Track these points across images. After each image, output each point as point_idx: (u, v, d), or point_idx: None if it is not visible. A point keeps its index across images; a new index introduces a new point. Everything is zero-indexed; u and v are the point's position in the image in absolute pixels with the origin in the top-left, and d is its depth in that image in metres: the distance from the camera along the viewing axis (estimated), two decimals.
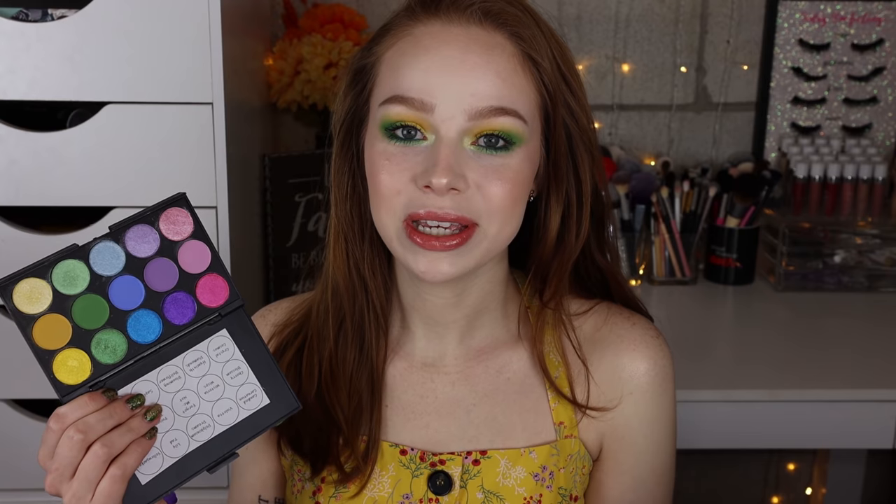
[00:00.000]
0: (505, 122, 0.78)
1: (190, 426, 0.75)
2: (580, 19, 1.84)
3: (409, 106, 0.78)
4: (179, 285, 0.76)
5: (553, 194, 0.86)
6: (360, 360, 0.89)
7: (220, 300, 0.77)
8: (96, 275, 0.75)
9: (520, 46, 0.80)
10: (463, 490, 0.87)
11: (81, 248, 0.74)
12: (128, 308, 0.75)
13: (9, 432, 1.24)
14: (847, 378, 1.40)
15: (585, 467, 0.91)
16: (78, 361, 0.74)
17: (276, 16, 1.74)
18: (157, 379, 0.75)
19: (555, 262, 0.88)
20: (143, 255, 0.76)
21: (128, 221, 0.76)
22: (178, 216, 0.77)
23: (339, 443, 0.88)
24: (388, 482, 0.88)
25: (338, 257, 0.88)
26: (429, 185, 0.77)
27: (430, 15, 0.81)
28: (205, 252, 0.77)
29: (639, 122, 1.90)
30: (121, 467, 0.71)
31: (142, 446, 0.73)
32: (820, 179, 1.79)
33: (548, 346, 0.90)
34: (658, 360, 0.89)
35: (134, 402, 0.73)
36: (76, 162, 1.16)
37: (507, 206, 0.79)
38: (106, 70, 1.13)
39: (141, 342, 0.75)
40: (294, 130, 1.81)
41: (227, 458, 0.75)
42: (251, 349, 0.77)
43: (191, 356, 0.76)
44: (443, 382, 0.90)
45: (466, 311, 0.89)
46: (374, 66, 0.83)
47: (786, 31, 1.85)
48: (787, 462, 2.04)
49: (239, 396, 0.76)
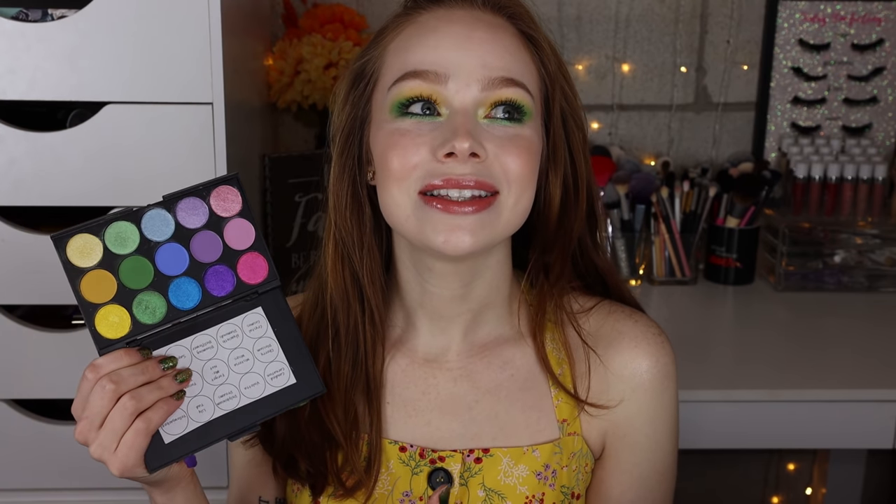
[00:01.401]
0: (516, 93, 0.80)
1: (217, 394, 0.78)
2: (580, 19, 1.84)
3: (423, 79, 0.79)
4: (222, 259, 0.80)
5: (553, 177, 0.87)
6: (354, 373, 0.88)
7: (258, 278, 0.80)
8: (146, 238, 0.78)
9: (520, 27, 0.83)
10: (464, 488, 0.87)
11: (135, 212, 0.78)
12: (171, 274, 0.79)
13: (9, 432, 1.24)
14: (847, 378, 1.40)
15: (588, 465, 0.91)
16: (119, 317, 0.77)
17: (276, 16, 1.74)
18: (190, 345, 0.79)
19: (557, 246, 0.89)
20: (191, 227, 0.79)
21: (181, 193, 0.79)
22: (229, 194, 0.80)
23: (338, 459, 0.88)
24: (388, 479, 0.88)
25: (335, 266, 0.88)
26: (449, 154, 0.77)
27: (432, 3, 0.84)
28: (250, 231, 0.81)
29: (639, 122, 1.90)
30: (146, 421, 0.74)
31: (168, 405, 0.76)
32: (820, 179, 1.79)
33: (550, 343, 0.90)
34: (660, 357, 0.89)
35: (166, 363, 0.77)
36: (76, 162, 1.16)
37: (525, 175, 0.80)
38: (106, 70, 1.13)
39: (180, 308, 0.78)
40: (294, 130, 1.81)
41: (248, 429, 0.78)
42: (283, 329, 0.80)
43: (225, 328, 0.79)
44: (444, 379, 0.90)
45: (472, 305, 0.88)
46: (377, 60, 0.84)
47: (786, 31, 1.85)
48: (787, 462, 2.04)
49: (267, 372, 0.79)
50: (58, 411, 1.27)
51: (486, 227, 0.79)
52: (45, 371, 1.21)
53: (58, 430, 1.24)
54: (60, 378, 1.21)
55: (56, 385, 1.22)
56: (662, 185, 1.75)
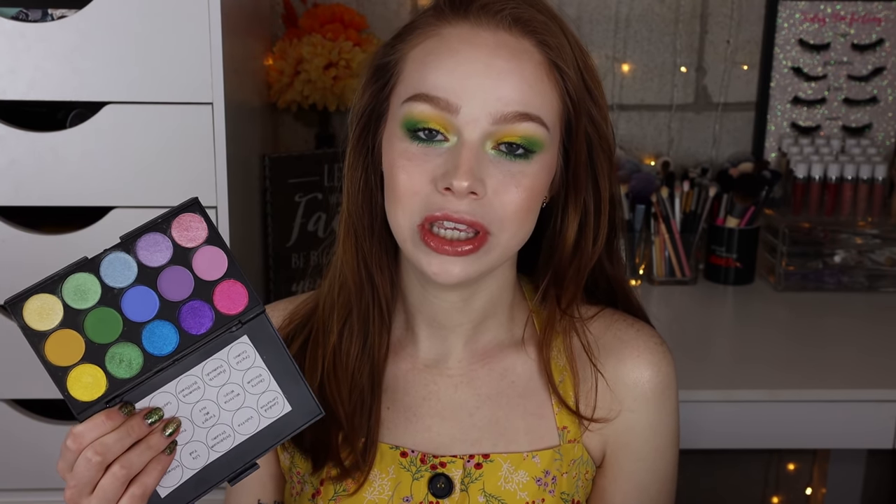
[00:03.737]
0: (528, 128, 0.78)
1: (210, 437, 0.73)
2: (580, 19, 1.84)
3: (434, 105, 0.78)
4: (195, 293, 0.74)
5: (571, 202, 0.85)
6: (363, 355, 0.88)
7: (239, 307, 0.75)
8: (108, 287, 0.73)
9: (546, 55, 0.80)
10: (464, 493, 0.87)
11: (91, 260, 0.72)
12: (142, 320, 0.73)
13: (9, 432, 1.24)
14: (847, 378, 1.40)
15: (588, 472, 0.90)
16: (93, 377, 0.72)
17: (276, 16, 1.74)
18: (175, 390, 0.73)
19: (571, 269, 0.88)
20: (155, 265, 0.73)
21: (138, 231, 0.74)
22: (192, 222, 0.74)
23: (339, 439, 0.88)
24: (388, 485, 0.88)
25: (347, 251, 0.88)
26: (448, 188, 0.77)
27: (459, 17, 0.80)
28: (221, 258, 0.75)
29: (639, 122, 1.90)
30: (140, 487, 0.71)
31: (161, 463, 0.72)
32: (820, 179, 1.79)
33: (555, 351, 0.90)
34: (662, 367, 0.89)
35: (152, 416, 0.72)
36: (76, 162, 1.16)
37: (521, 213, 0.79)
38: (106, 70, 1.13)
39: (157, 354, 0.73)
40: (294, 130, 1.81)
41: (247, 470, 0.74)
42: (273, 356, 0.75)
43: (210, 365, 0.74)
44: (445, 385, 0.90)
45: (473, 316, 0.88)
46: (398, 63, 0.83)
47: (786, 31, 1.85)
48: (787, 462, 2.04)
49: (260, 404, 0.75)
50: (58, 411, 1.27)
51: (477, 261, 0.80)
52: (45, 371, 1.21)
53: (58, 430, 1.24)
54: None
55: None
56: (662, 185, 1.75)
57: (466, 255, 0.79)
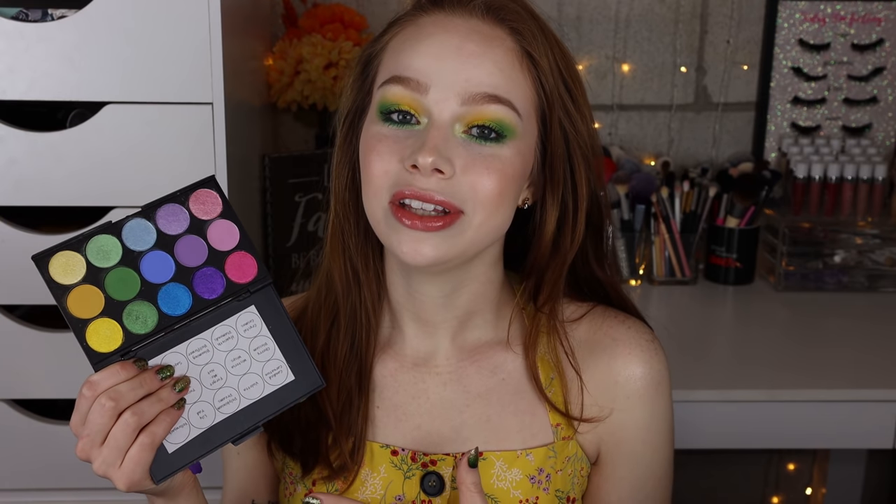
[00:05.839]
0: (498, 111, 0.79)
1: (217, 398, 0.77)
2: (580, 19, 1.84)
3: (405, 86, 0.79)
4: (209, 261, 0.79)
5: (549, 198, 0.85)
6: (351, 355, 0.89)
7: (248, 277, 0.80)
8: (128, 249, 0.78)
9: (519, 43, 0.81)
10: (456, 491, 0.86)
11: (114, 224, 0.78)
12: (159, 281, 0.78)
13: (9, 432, 1.24)
14: (847, 378, 1.40)
15: (584, 469, 0.90)
16: (110, 330, 0.76)
17: (276, 16, 1.74)
18: (186, 351, 0.78)
19: (550, 268, 0.88)
20: (173, 233, 0.79)
21: (159, 201, 0.79)
22: (208, 197, 0.80)
23: (329, 440, 0.88)
24: (380, 483, 0.88)
25: (334, 250, 0.89)
26: (415, 165, 0.77)
27: (435, 6, 0.83)
28: (233, 231, 0.80)
29: (639, 122, 1.90)
30: (150, 436, 0.74)
31: (170, 416, 0.75)
32: (820, 179, 1.79)
33: (542, 351, 0.90)
34: (654, 363, 0.89)
35: (163, 372, 0.76)
36: (76, 162, 1.16)
37: (493, 197, 0.79)
38: (106, 70, 1.13)
39: (171, 314, 0.78)
40: (294, 130, 1.81)
41: (251, 431, 0.78)
42: (278, 326, 0.80)
43: (220, 330, 0.79)
44: (434, 383, 0.90)
45: (457, 313, 0.88)
46: (379, 54, 0.85)
47: (786, 31, 1.85)
48: (787, 462, 2.04)
49: (265, 372, 0.79)
50: (58, 411, 1.27)
51: (448, 241, 0.79)
52: (45, 371, 1.21)
53: (58, 430, 1.24)
54: (60, 378, 1.21)
55: (56, 385, 1.22)
56: (662, 185, 1.75)
57: (437, 231, 0.78)
